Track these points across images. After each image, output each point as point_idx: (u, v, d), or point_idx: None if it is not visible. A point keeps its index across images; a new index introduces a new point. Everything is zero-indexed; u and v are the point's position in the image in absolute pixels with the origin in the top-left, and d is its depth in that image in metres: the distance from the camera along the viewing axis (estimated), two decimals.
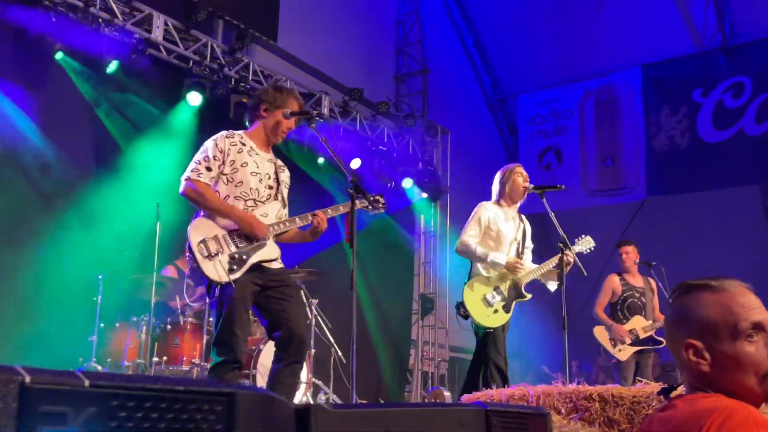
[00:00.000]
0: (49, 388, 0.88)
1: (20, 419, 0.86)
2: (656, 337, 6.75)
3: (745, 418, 1.54)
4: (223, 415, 1.05)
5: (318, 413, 1.30)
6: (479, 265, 5.28)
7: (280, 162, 4.20)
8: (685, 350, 1.71)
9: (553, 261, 5.31)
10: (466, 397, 3.82)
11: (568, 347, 5.01)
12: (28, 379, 0.87)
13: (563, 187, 5.53)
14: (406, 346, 10.64)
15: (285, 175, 4.19)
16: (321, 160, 8.86)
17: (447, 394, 7.12)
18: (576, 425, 2.92)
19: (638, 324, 6.74)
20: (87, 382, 0.91)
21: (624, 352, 6.65)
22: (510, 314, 5.22)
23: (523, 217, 5.57)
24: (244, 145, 3.98)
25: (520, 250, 5.43)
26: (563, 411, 3.14)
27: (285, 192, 4.16)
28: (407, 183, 10.26)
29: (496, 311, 5.16)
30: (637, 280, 6.97)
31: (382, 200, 4.36)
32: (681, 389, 1.81)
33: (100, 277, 6.05)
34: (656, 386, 3.25)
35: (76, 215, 6.84)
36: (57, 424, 0.90)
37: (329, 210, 4.11)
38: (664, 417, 1.75)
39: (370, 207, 4.17)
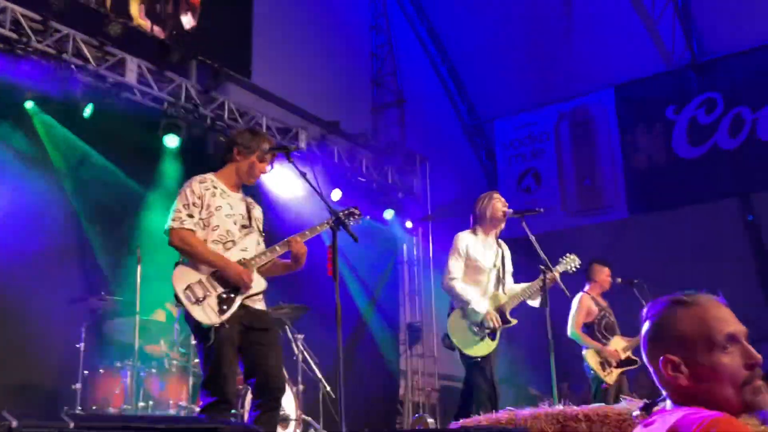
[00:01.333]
0: (35, 431, 0.88)
1: None
2: (632, 357, 6.70)
3: (726, 428, 1.55)
4: None
5: None
6: None
7: (250, 199, 4.20)
8: (663, 365, 1.74)
9: (536, 285, 5.33)
10: (454, 425, 3.80)
11: (556, 369, 5.01)
12: (14, 424, 0.87)
13: (542, 210, 5.58)
14: (395, 376, 10.58)
15: (257, 212, 4.19)
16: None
17: (430, 420, 7.09)
18: None
19: (618, 345, 6.70)
20: (72, 424, 0.91)
21: (611, 376, 6.60)
22: (497, 341, 5.22)
23: (501, 242, 5.58)
24: (215, 188, 3.99)
25: (501, 276, 5.44)
26: None
27: (260, 228, 4.15)
28: (388, 214, 10.27)
29: (482, 339, 5.15)
30: (601, 300, 6.96)
31: (357, 211, 4.34)
32: (662, 405, 1.83)
33: (83, 324, 5.99)
34: (640, 403, 3.25)
35: (58, 260, 6.80)
36: None
37: (306, 232, 4.09)
38: (647, 430, 1.76)
39: (346, 220, 4.15)
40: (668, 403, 1.81)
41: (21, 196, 6.44)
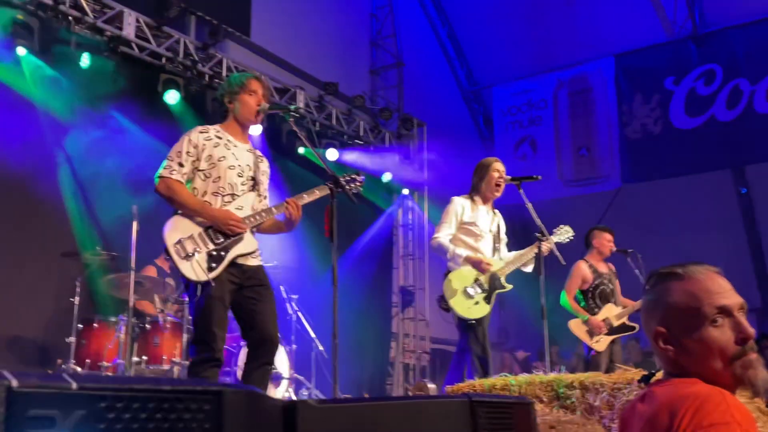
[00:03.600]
0: (36, 391, 0.88)
1: (8, 424, 0.85)
2: (628, 323, 6.74)
3: (718, 404, 1.56)
4: (211, 413, 1.05)
5: (304, 409, 1.30)
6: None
7: (258, 152, 4.17)
8: (654, 338, 1.75)
9: (531, 251, 5.36)
10: (449, 389, 3.84)
11: (548, 335, 5.06)
12: (14, 383, 0.86)
13: (540, 177, 5.58)
14: (386, 338, 10.67)
15: (264, 165, 4.15)
16: (301, 150, 8.86)
17: (431, 386, 7.12)
18: (558, 413, 2.95)
19: (610, 312, 6.73)
20: (75, 385, 0.91)
21: (601, 343, 6.64)
22: (491, 305, 5.26)
23: (496, 210, 5.61)
24: (220, 138, 3.95)
25: (496, 243, 5.47)
26: (545, 399, 3.18)
27: (264, 183, 4.12)
28: (387, 176, 10.27)
29: (477, 303, 5.19)
30: (602, 267, 6.97)
31: (359, 178, 4.33)
32: (659, 375, 1.84)
33: (78, 278, 6.00)
34: (636, 372, 3.29)
35: (52, 216, 6.77)
36: (45, 427, 0.89)
37: (304, 195, 4.07)
38: (642, 402, 1.78)
39: (347, 186, 4.15)
40: (661, 374, 1.82)
41: (15, 147, 6.39)
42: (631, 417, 1.82)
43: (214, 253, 3.74)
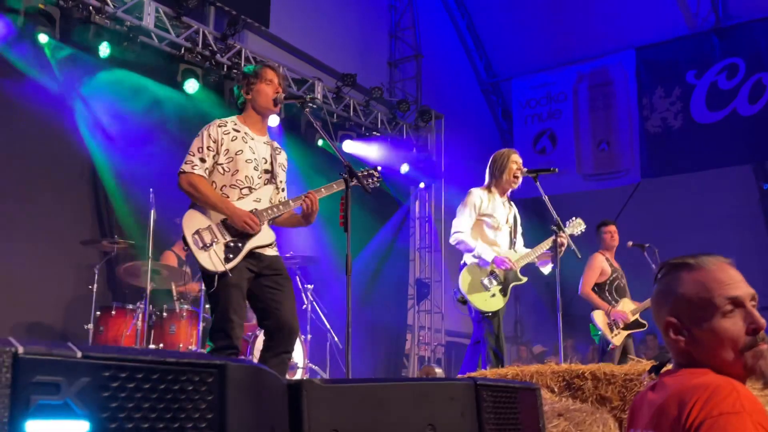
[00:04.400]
0: (41, 358, 0.90)
1: (14, 389, 0.88)
2: (641, 320, 6.74)
3: (728, 394, 1.56)
4: (213, 386, 1.06)
5: (309, 388, 1.31)
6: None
7: (276, 144, 4.18)
8: (665, 328, 1.74)
9: (547, 244, 5.36)
10: (459, 377, 3.85)
11: (562, 328, 5.07)
12: (21, 350, 0.89)
13: (557, 170, 5.57)
14: (402, 330, 10.69)
15: (282, 158, 4.17)
16: (320, 142, 8.88)
17: (438, 370, 7.13)
18: (567, 402, 2.95)
19: (627, 307, 6.72)
20: (79, 353, 0.93)
21: (619, 337, 6.64)
22: (507, 297, 5.27)
23: (512, 202, 5.61)
24: (237, 131, 3.97)
25: (512, 235, 5.47)
26: (556, 389, 3.18)
27: (282, 175, 4.14)
28: (404, 168, 10.27)
29: (493, 295, 5.20)
30: (614, 262, 6.98)
31: (376, 174, 4.34)
32: (669, 366, 1.84)
33: (96, 266, 6.06)
34: (647, 364, 3.28)
35: (70, 204, 6.85)
36: (50, 393, 0.91)
37: (322, 189, 4.09)
38: (652, 392, 1.78)
39: (364, 181, 4.17)
40: (672, 365, 1.82)
41: (37, 133, 6.47)
42: (641, 407, 1.82)
43: (231, 244, 3.78)
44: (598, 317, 6.65)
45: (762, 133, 10.61)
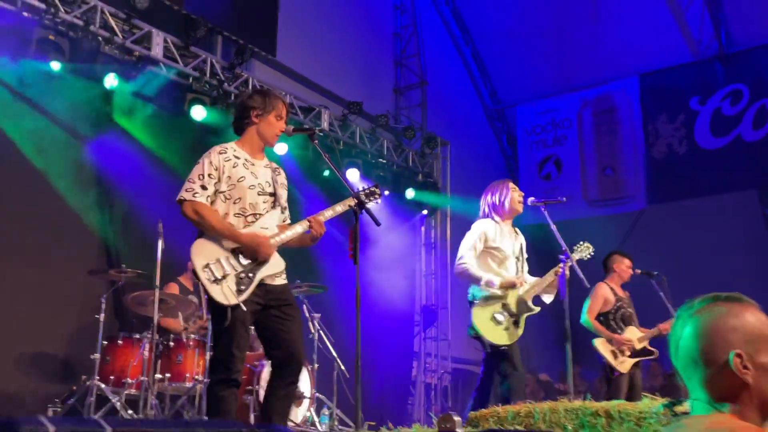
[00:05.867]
0: None
1: None
2: (649, 348, 6.69)
3: None
4: None
5: None
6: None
7: (274, 165, 4.15)
8: (737, 360, 1.71)
9: (551, 275, 5.33)
10: (473, 414, 3.82)
11: (571, 357, 5.02)
12: (52, 429, 0.88)
13: (564, 200, 5.57)
14: (408, 358, 10.63)
15: (282, 178, 4.15)
16: (326, 173, 8.89)
17: (457, 419, 7.07)
18: None
19: (633, 335, 6.68)
20: (109, 429, 0.92)
21: (625, 365, 6.59)
22: (521, 329, 5.22)
23: (518, 231, 5.59)
24: (238, 158, 3.94)
25: (519, 266, 5.45)
26: (570, 428, 3.15)
27: (284, 195, 4.12)
28: (410, 193, 10.28)
29: (507, 328, 5.16)
30: (620, 291, 6.94)
31: (378, 191, 4.33)
32: (686, 405, 1.82)
33: (103, 295, 6.06)
34: (661, 401, 3.25)
35: (78, 233, 6.86)
36: None
37: (326, 212, 4.09)
38: None
39: (366, 199, 4.17)
40: (694, 405, 1.79)
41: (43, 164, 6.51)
42: None
43: (243, 275, 3.75)
44: (600, 345, 6.61)
45: (766, 158, 10.63)
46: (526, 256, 5.58)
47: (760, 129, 10.87)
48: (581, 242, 5.77)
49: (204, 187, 3.81)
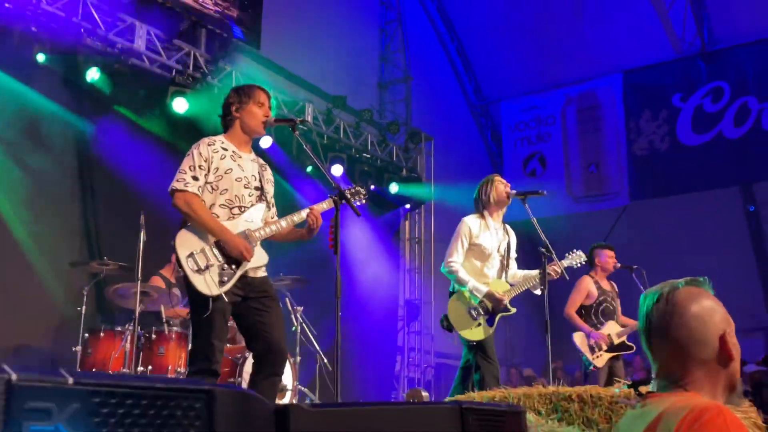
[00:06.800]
0: (34, 385, 0.92)
1: (7, 414, 0.90)
2: (627, 343, 6.75)
3: (715, 417, 1.59)
4: (202, 411, 1.09)
5: (297, 413, 1.33)
6: None
7: (262, 161, 4.19)
8: (725, 340, 1.76)
9: (538, 274, 5.34)
10: (447, 400, 3.86)
11: (551, 350, 5.08)
12: (14, 377, 0.91)
13: (545, 192, 5.59)
14: (392, 352, 10.68)
15: (268, 174, 4.18)
16: (309, 168, 8.90)
17: (425, 393, 7.12)
18: (554, 424, 2.97)
19: (613, 329, 6.73)
20: (71, 380, 0.95)
21: (601, 359, 6.64)
22: (494, 327, 5.26)
23: (507, 227, 5.60)
24: (225, 150, 3.97)
25: (504, 263, 5.46)
26: (543, 412, 3.20)
27: (270, 191, 4.15)
28: (394, 188, 10.30)
29: (479, 325, 5.21)
30: (605, 284, 6.99)
31: (362, 190, 4.38)
32: (648, 387, 1.87)
33: (85, 288, 6.04)
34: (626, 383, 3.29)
35: (59, 225, 6.84)
36: (42, 419, 0.94)
37: (313, 207, 4.13)
38: (639, 414, 1.80)
39: (352, 198, 4.20)
40: (658, 384, 1.84)
41: (27, 156, 6.48)
42: (628, 428, 1.85)
43: (226, 266, 3.77)
44: (578, 339, 6.67)
45: (747, 155, 10.75)
46: (515, 255, 5.59)
47: (741, 126, 10.99)
48: (574, 250, 5.78)
49: (195, 178, 3.84)
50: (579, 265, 5.79)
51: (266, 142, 7.96)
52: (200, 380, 3.62)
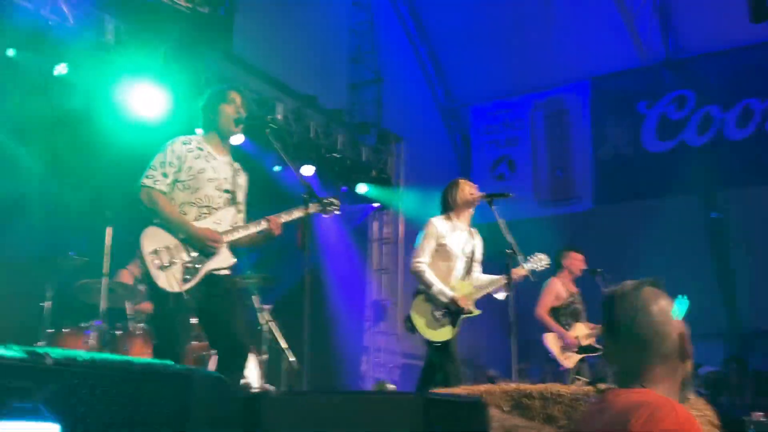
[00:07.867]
0: (15, 364, 0.95)
1: None
2: (595, 345, 6.85)
3: (669, 413, 1.66)
4: (178, 394, 1.12)
5: (267, 400, 1.37)
6: None
7: (237, 165, 4.22)
8: (681, 335, 1.84)
9: (503, 279, 5.39)
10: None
11: (518, 352, 5.15)
12: None
13: (511, 195, 5.66)
14: (358, 352, 10.69)
15: (242, 179, 4.21)
16: (277, 168, 8.88)
17: (391, 386, 7.16)
18: (516, 420, 3.04)
19: (581, 331, 6.84)
20: (51, 360, 0.98)
21: (571, 360, 6.75)
22: (457, 328, 5.31)
23: (473, 230, 5.64)
24: (201, 150, 4.00)
25: (469, 265, 5.51)
26: (505, 408, 3.26)
27: (241, 196, 4.17)
28: (362, 188, 10.33)
29: (443, 326, 5.25)
30: (572, 287, 7.10)
31: (336, 202, 4.43)
32: (604, 385, 1.94)
33: (49, 283, 5.98)
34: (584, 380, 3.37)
35: (23, 220, 6.75)
36: (23, 397, 0.96)
37: (282, 215, 4.14)
38: (598, 409, 1.87)
39: (325, 210, 4.24)
40: (616, 381, 1.90)
41: None
42: (586, 424, 1.91)
43: (190, 265, 3.78)
44: (550, 339, 6.77)
45: (709, 163, 10.97)
46: (480, 258, 5.64)
47: (704, 135, 11.21)
48: (537, 253, 5.83)
49: (165, 175, 3.86)
50: (543, 268, 5.86)
51: (238, 139, 7.92)
52: (176, 365, 3.64)
